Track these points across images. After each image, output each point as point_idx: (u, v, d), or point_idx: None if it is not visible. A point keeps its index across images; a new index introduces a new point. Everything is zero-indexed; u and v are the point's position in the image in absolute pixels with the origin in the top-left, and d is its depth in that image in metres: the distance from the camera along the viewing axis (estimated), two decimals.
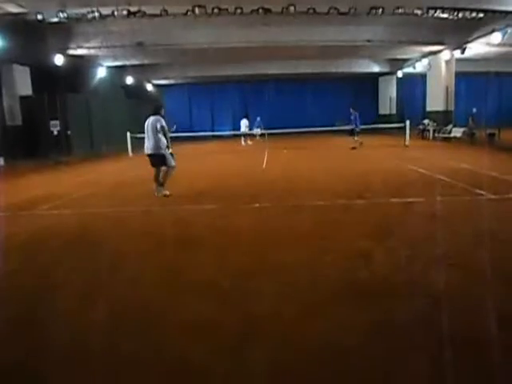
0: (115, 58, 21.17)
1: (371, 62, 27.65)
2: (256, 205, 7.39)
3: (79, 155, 17.54)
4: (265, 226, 6.06)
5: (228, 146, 21.71)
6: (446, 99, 22.13)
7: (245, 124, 23.83)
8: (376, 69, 28.34)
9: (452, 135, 20.34)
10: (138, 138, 19.27)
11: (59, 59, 17.40)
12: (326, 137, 23.40)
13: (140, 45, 18.13)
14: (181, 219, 6.70)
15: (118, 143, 19.69)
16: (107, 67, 22.38)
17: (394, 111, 29.55)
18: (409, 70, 26.69)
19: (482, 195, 7.48)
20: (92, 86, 21.07)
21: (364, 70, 28.18)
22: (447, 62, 21.74)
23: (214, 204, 7.57)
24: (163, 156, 8.37)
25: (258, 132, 23.69)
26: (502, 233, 5.23)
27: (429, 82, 23.96)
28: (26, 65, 17.42)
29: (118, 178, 11.69)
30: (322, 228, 5.84)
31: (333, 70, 27.15)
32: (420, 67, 24.58)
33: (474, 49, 20.01)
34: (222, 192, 8.88)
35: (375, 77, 31.21)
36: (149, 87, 29.54)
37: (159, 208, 7.60)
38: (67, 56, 17.88)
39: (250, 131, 23.79)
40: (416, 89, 27.85)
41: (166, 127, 8.42)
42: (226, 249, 5.03)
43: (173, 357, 2.79)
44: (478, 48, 19.96)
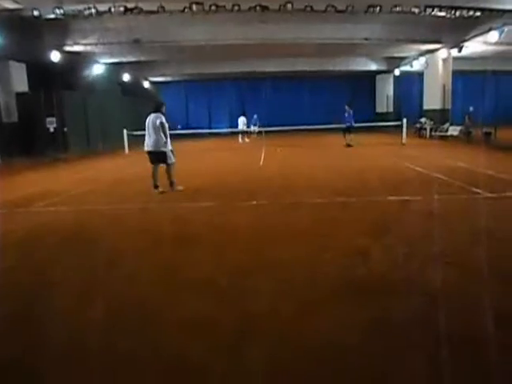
0: (112, 55, 21.09)
1: (368, 60, 27.66)
2: (253, 202, 7.39)
3: (76, 152, 17.47)
4: (262, 224, 6.06)
5: (225, 144, 21.69)
6: (443, 98, 22.16)
7: (243, 121, 23.82)
8: (373, 67, 28.35)
9: (449, 134, 20.38)
10: (135, 135, 19.31)
11: (56, 56, 17.30)
12: (323, 134, 23.39)
13: (137, 42, 18.06)
14: (178, 216, 6.69)
15: (115, 140, 19.65)
16: (104, 64, 22.28)
17: (391, 109, 29.58)
18: (406, 69, 26.71)
19: (479, 193, 7.50)
20: (88, 83, 20.97)
21: (361, 68, 28.17)
22: (444, 61, 21.76)
23: (212, 201, 7.56)
24: (164, 153, 8.43)
25: (255, 130, 23.69)
26: (499, 231, 5.25)
27: (426, 81, 23.98)
28: (23, 61, 17.30)
29: (115, 175, 11.65)
30: (320, 225, 5.85)
31: (330, 68, 27.12)
32: (417, 65, 24.59)
33: (471, 47, 20.04)
34: (219, 189, 8.87)
35: (372, 75, 31.22)
36: (145, 84, 29.45)
37: (156, 205, 7.59)
38: (64, 52, 17.77)
39: (248, 129, 23.79)
40: (413, 87, 27.87)
41: (166, 124, 8.45)
42: (224, 246, 5.03)
43: (170, 354, 2.78)
44: (475, 46, 20.00)
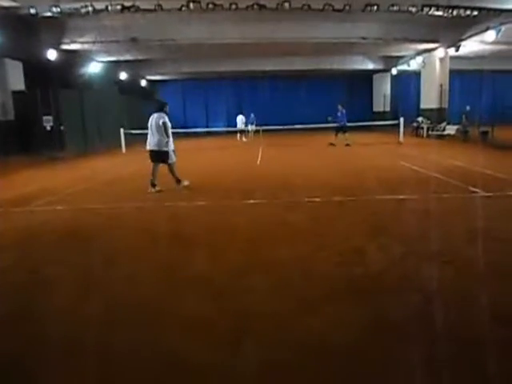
0: (109, 53, 21.01)
1: (366, 60, 27.68)
2: (251, 201, 7.38)
3: (72, 151, 17.40)
4: (260, 223, 6.06)
5: (222, 143, 21.67)
6: (440, 97, 22.19)
7: (241, 120, 23.84)
8: (370, 66, 28.36)
9: (446, 133, 20.42)
10: (132, 134, 19.29)
11: (52, 54, 17.22)
12: (321, 134, 23.40)
13: (134, 40, 18.00)
14: (175, 215, 6.69)
15: (112, 139, 19.59)
16: (101, 62, 22.21)
17: (388, 108, 29.59)
18: (403, 68, 26.73)
19: (476, 193, 7.52)
20: (85, 82, 20.90)
21: (358, 67, 28.19)
22: (441, 60, 21.80)
23: (209, 200, 7.56)
24: (166, 153, 8.48)
25: (253, 129, 23.69)
26: (496, 230, 5.26)
27: (423, 80, 24.01)
28: (19, 59, 17.20)
29: (112, 174, 11.62)
30: (317, 224, 5.85)
31: (327, 67, 27.11)
32: (414, 65, 24.61)
33: (468, 47, 20.06)
34: (216, 188, 8.86)
35: (370, 74, 31.24)
36: (143, 83, 29.39)
37: (154, 204, 7.57)
38: (60, 51, 17.69)
39: (246, 127, 23.81)
40: (410, 86, 27.90)
41: (169, 124, 8.47)
42: (221, 245, 5.03)
43: (169, 353, 2.78)
44: (472, 46, 20.03)
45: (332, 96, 29.49)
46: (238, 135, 23.66)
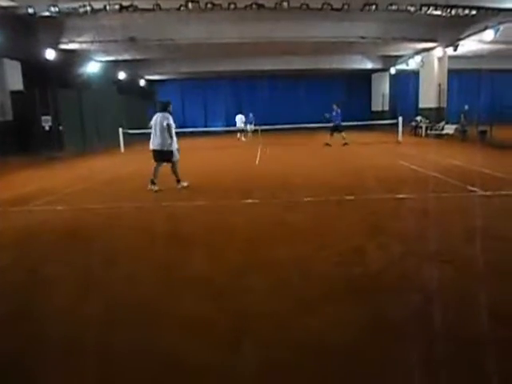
0: (107, 53, 20.97)
1: (364, 59, 27.67)
2: (249, 201, 7.38)
3: (71, 151, 17.38)
4: (258, 222, 6.06)
5: (221, 142, 21.64)
6: (439, 96, 22.20)
7: (241, 119, 23.83)
8: (369, 65, 28.36)
9: (444, 132, 20.44)
10: (131, 134, 19.28)
11: (51, 54, 17.20)
12: (320, 133, 23.41)
13: (132, 40, 17.97)
14: (174, 215, 6.69)
15: (111, 139, 19.57)
16: (99, 62, 22.18)
17: (387, 108, 29.59)
18: (402, 67, 26.73)
19: (474, 192, 7.53)
20: (84, 82, 20.87)
21: (357, 67, 28.18)
22: (440, 59, 21.80)
23: (208, 200, 7.56)
24: (169, 152, 8.49)
25: (252, 128, 23.68)
26: (494, 229, 5.27)
27: (421, 79, 24.02)
28: (17, 59, 17.17)
29: (111, 174, 11.61)
30: (316, 224, 5.86)
31: (326, 67, 27.10)
32: (413, 64, 24.61)
33: (467, 46, 20.08)
34: (215, 188, 8.86)
35: (368, 73, 31.23)
36: (141, 83, 29.36)
37: (153, 204, 7.57)
38: (59, 50, 17.67)
39: (245, 127, 23.80)
40: (409, 86, 27.89)
41: (173, 125, 8.49)
42: (220, 245, 5.03)
43: (168, 353, 2.78)
44: (471, 45, 20.04)
45: (331, 95, 29.41)
46: (238, 134, 23.64)
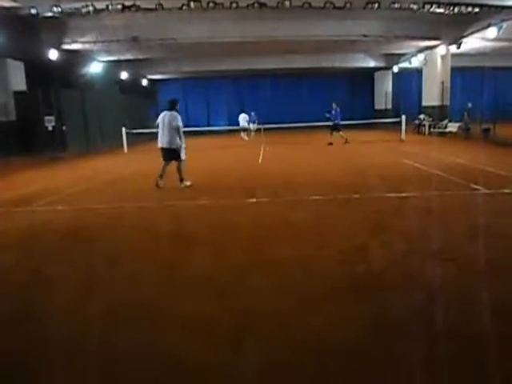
0: (110, 53, 21.01)
1: (367, 57, 27.61)
2: (253, 200, 7.38)
3: (74, 151, 17.42)
4: (261, 221, 6.05)
5: (223, 142, 21.65)
6: (442, 94, 22.14)
7: (244, 118, 23.82)
8: (372, 64, 28.29)
9: (447, 130, 20.38)
10: (134, 134, 19.31)
11: (53, 54, 17.25)
12: (322, 132, 23.39)
13: (135, 39, 17.99)
14: (177, 215, 6.69)
15: (114, 139, 19.60)
16: (102, 62, 22.21)
17: (390, 106, 29.51)
18: (405, 65, 26.66)
19: (478, 190, 7.51)
20: (87, 82, 20.91)
21: (360, 65, 28.13)
22: (443, 57, 21.74)
23: (210, 199, 7.56)
24: (178, 150, 8.61)
25: (254, 127, 23.66)
26: (498, 227, 5.26)
27: (424, 77, 23.95)
28: (20, 60, 17.23)
29: (114, 174, 11.63)
30: (319, 223, 5.85)
31: (328, 65, 27.05)
32: (416, 62, 24.55)
33: (470, 44, 20.00)
34: (218, 187, 8.87)
35: (371, 72, 31.16)
36: (144, 82, 29.38)
37: (155, 203, 7.57)
38: (61, 51, 17.71)
39: (248, 125, 23.79)
40: (412, 84, 27.78)
41: (182, 127, 8.66)
42: (223, 244, 5.03)
43: (171, 352, 2.78)
44: (474, 43, 19.95)
45: (333, 94, 29.35)
46: (242, 133, 23.62)
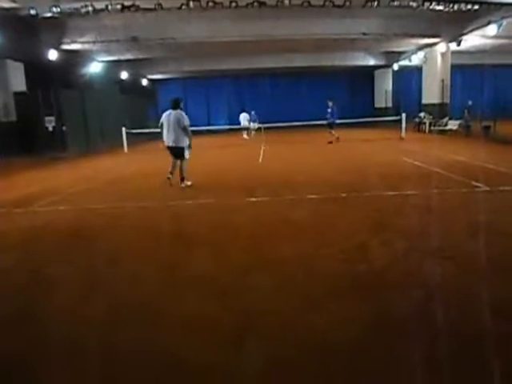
0: (109, 53, 21.00)
1: (367, 55, 27.56)
2: (253, 199, 7.39)
3: (75, 151, 17.43)
4: (262, 220, 6.06)
5: (224, 141, 21.65)
6: (442, 92, 22.10)
7: (245, 117, 23.81)
8: (372, 62, 28.24)
9: (448, 128, 20.36)
10: (134, 134, 19.31)
11: (53, 54, 17.24)
12: (322, 130, 23.38)
13: (134, 39, 17.97)
14: (178, 214, 6.70)
15: (114, 139, 19.60)
16: (102, 62, 22.20)
17: (390, 104, 29.47)
18: (404, 63, 26.60)
19: (478, 187, 7.51)
20: (87, 82, 20.90)
21: (360, 63, 28.07)
22: (443, 55, 21.70)
23: (211, 198, 7.56)
24: (182, 148, 8.72)
25: (255, 126, 23.64)
26: (498, 225, 5.26)
27: (424, 75, 23.91)
28: (20, 60, 17.23)
29: (114, 174, 11.63)
30: (319, 221, 5.85)
31: (328, 64, 27.02)
32: (416, 60, 24.50)
33: (470, 41, 19.94)
34: (218, 186, 8.88)
35: (371, 70, 31.10)
36: (144, 82, 29.36)
37: (156, 203, 7.57)
38: (61, 51, 17.70)
39: (249, 125, 23.78)
40: (412, 82, 27.75)
41: (189, 125, 8.81)
42: (224, 243, 5.04)
43: (172, 352, 2.79)
44: (474, 40, 19.90)
45: (333, 93, 29.36)
46: (243, 133, 23.61)
